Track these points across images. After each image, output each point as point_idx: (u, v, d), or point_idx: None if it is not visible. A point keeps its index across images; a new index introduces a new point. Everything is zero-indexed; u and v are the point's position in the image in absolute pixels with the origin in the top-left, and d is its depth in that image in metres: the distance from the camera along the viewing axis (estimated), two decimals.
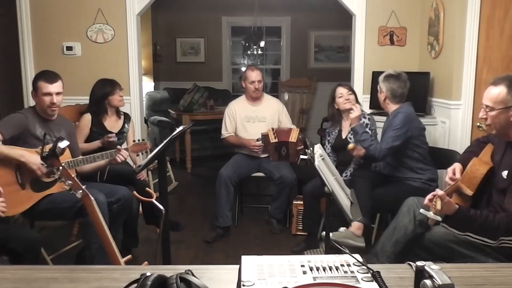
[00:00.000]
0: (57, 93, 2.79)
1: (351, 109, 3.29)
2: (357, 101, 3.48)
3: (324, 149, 3.58)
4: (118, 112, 3.57)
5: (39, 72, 2.93)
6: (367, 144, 3.06)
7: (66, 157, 2.76)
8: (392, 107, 3.12)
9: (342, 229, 3.04)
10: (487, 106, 2.10)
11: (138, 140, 3.28)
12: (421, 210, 2.03)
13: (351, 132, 3.37)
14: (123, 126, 3.55)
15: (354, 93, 3.52)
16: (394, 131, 2.98)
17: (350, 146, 3.19)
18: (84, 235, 2.79)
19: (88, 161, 2.87)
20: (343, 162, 3.49)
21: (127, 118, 3.63)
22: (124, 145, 3.57)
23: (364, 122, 3.39)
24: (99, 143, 3.33)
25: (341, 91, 3.48)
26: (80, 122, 3.42)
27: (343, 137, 3.52)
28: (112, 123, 3.51)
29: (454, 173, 2.30)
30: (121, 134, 3.53)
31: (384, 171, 3.24)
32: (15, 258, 2.32)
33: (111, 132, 3.43)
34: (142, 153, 3.31)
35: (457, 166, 2.33)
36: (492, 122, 2.12)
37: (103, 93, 3.44)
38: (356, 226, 3.01)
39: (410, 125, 3.00)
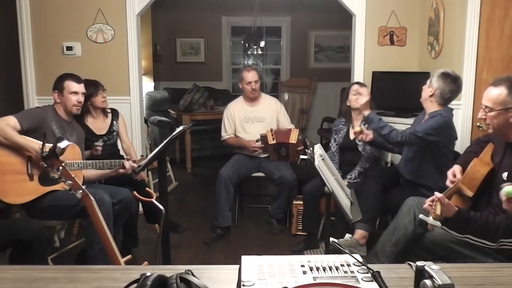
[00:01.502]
0: (82, 93, 2.96)
1: (358, 97, 3.06)
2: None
3: (330, 148, 3.59)
4: (104, 112, 3.48)
5: (61, 74, 3.00)
6: (387, 130, 2.85)
7: (76, 158, 2.80)
8: (433, 107, 2.89)
9: (347, 236, 3.02)
10: (486, 106, 2.10)
11: (145, 157, 3.27)
12: (421, 216, 2.02)
13: (365, 122, 3.17)
14: (111, 125, 3.48)
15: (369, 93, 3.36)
16: (431, 127, 2.78)
17: (357, 129, 3.04)
18: (86, 235, 2.80)
19: (97, 165, 2.90)
20: (349, 162, 3.47)
21: (114, 114, 3.53)
22: (118, 143, 3.55)
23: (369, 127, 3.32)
24: (89, 154, 3.25)
25: (355, 87, 3.39)
26: None
27: (351, 138, 3.47)
28: (99, 125, 3.43)
29: (454, 176, 2.29)
30: (111, 134, 3.47)
31: (400, 170, 3.11)
32: (25, 249, 2.34)
33: (101, 136, 3.39)
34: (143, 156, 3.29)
35: (456, 168, 2.33)
36: (490, 122, 2.12)
37: (86, 94, 3.28)
38: (362, 235, 2.98)
39: (445, 132, 2.85)
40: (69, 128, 2.95)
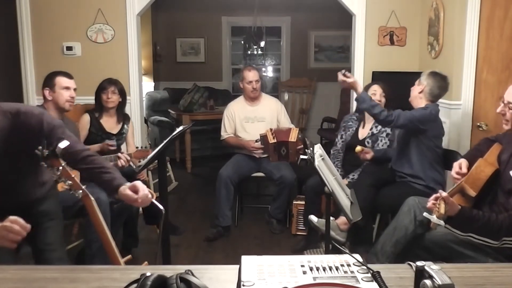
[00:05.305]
0: (74, 89, 2.97)
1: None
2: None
3: (336, 144, 3.58)
4: (118, 114, 3.51)
5: (51, 72, 3.01)
6: (378, 110, 2.89)
7: None
8: (421, 103, 3.00)
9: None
10: (509, 102, 2.09)
11: (141, 147, 3.28)
12: (425, 214, 2.00)
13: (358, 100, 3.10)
14: (122, 127, 3.51)
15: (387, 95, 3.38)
16: (416, 116, 2.90)
17: (358, 148, 3.11)
18: (85, 234, 2.80)
19: None
20: (352, 162, 3.44)
21: (126, 118, 3.58)
22: (124, 147, 3.58)
23: (381, 129, 3.37)
24: (98, 148, 3.27)
25: (376, 88, 3.36)
26: (79, 123, 3.41)
27: (360, 138, 3.45)
28: (111, 124, 3.46)
29: (460, 168, 2.29)
30: (120, 135, 3.50)
31: (393, 165, 3.15)
32: None
33: (110, 134, 3.41)
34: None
35: (463, 161, 2.32)
36: (510, 119, 2.11)
37: (98, 90, 3.43)
38: (343, 221, 2.96)
39: (430, 124, 2.91)
40: None
